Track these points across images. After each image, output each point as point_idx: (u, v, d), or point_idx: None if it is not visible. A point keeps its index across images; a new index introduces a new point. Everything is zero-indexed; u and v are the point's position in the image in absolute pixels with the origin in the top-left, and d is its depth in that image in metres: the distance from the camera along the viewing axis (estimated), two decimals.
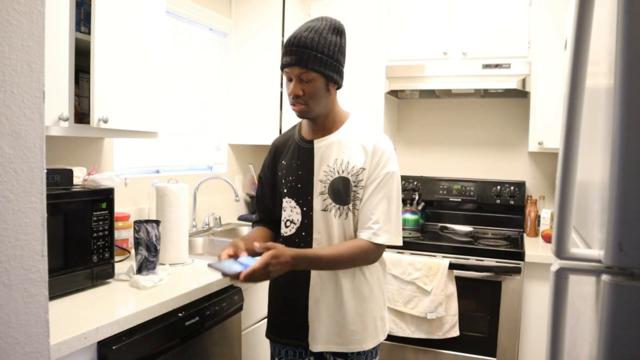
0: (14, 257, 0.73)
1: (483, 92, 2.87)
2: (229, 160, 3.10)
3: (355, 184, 1.53)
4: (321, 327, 1.56)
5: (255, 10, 2.96)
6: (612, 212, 0.75)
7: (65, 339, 1.22)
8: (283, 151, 1.67)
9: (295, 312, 1.59)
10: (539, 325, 2.45)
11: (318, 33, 1.48)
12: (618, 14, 0.74)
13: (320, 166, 1.56)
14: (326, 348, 1.56)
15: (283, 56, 1.51)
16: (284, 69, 1.51)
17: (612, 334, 0.76)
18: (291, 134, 1.70)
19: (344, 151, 1.55)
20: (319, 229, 1.56)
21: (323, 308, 1.56)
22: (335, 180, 1.53)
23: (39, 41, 0.75)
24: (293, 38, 1.49)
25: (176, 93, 2.67)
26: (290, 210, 1.60)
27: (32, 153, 0.75)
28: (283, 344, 1.65)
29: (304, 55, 1.46)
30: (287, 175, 1.61)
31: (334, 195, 1.54)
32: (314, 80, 1.48)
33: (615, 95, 0.75)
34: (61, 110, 1.53)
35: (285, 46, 1.50)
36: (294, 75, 1.49)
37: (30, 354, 0.77)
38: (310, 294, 1.57)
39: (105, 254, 1.66)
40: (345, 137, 1.57)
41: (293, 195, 1.59)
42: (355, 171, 1.53)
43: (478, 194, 3.03)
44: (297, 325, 1.59)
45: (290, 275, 1.54)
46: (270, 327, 1.68)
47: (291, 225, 1.59)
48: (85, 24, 1.69)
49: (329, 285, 1.55)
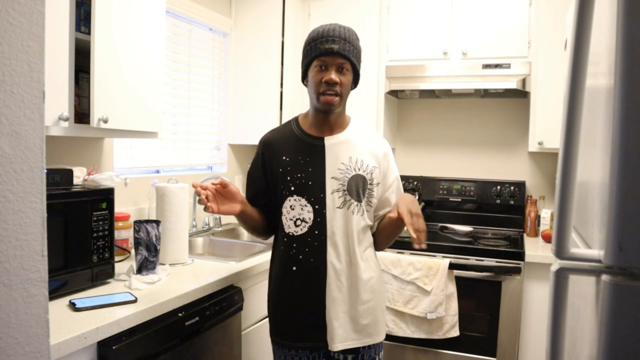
0: (14, 257, 0.73)
1: (483, 92, 2.87)
2: (229, 160, 3.10)
3: (370, 182, 1.59)
4: (339, 325, 1.55)
5: (255, 10, 2.96)
6: (612, 212, 0.75)
7: (65, 339, 1.22)
8: (280, 147, 1.61)
9: (311, 313, 1.56)
10: (539, 325, 2.45)
11: (351, 32, 1.54)
12: (618, 14, 0.74)
13: (333, 163, 1.56)
14: (345, 345, 1.56)
15: (320, 44, 1.49)
16: (321, 56, 1.49)
17: (612, 334, 0.76)
18: (288, 130, 1.65)
19: (356, 150, 1.59)
20: (332, 227, 1.54)
21: (340, 305, 1.55)
22: (353, 177, 1.56)
23: (39, 41, 0.75)
24: (332, 30, 1.49)
25: (176, 93, 2.67)
26: (301, 209, 1.55)
27: (32, 153, 0.75)
28: (298, 348, 1.59)
29: (346, 46, 1.49)
30: (294, 172, 1.56)
31: (352, 193, 1.56)
32: (348, 73, 1.53)
33: (615, 95, 0.75)
34: (61, 110, 1.53)
35: (321, 36, 1.49)
36: (333, 64, 1.49)
37: (30, 354, 0.77)
38: (327, 293, 1.55)
39: (105, 254, 1.66)
40: (354, 136, 1.62)
41: (303, 192, 1.55)
42: (369, 170, 1.59)
43: (478, 194, 3.03)
44: (314, 326, 1.56)
45: (305, 276, 1.55)
46: (282, 333, 1.61)
47: (302, 224, 1.55)
48: (85, 24, 1.69)
49: (344, 281, 1.55)
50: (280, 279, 1.60)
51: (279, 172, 1.59)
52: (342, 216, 1.55)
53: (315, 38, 1.51)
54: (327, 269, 1.54)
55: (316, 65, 1.51)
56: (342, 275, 1.55)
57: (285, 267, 1.58)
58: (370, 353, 1.62)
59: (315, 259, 1.54)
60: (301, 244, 1.55)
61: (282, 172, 1.58)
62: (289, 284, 1.58)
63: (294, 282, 1.57)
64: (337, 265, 1.55)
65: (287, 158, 1.59)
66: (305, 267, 1.55)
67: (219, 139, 3.05)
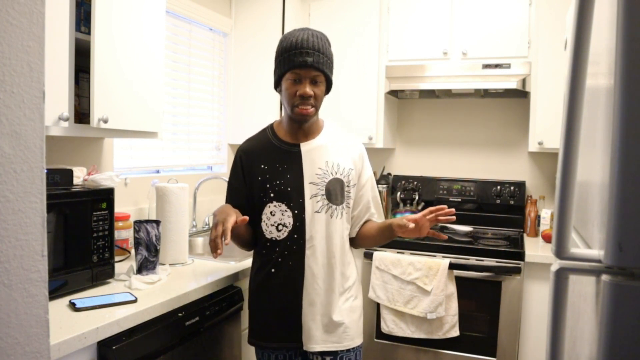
0: (14, 257, 0.73)
1: (483, 92, 2.86)
2: (229, 160, 3.10)
3: (347, 184, 1.62)
4: (315, 328, 1.57)
5: (255, 10, 2.96)
6: (612, 212, 0.75)
7: (65, 339, 1.22)
8: (258, 155, 1.62)
9: (288, 315, 1.58)
10: (539, 325, 2.45)
11: (323, 40, 1.54)
12: (618, 14, 0.74)
13: (310, 169, 1.59)
14: (322, 347, 1.57)
15: (294, 57, 1.48)
16: (295, 69, 1.49)
17: (612, 334, 0.76)
18: (263, 138, 1.66)
19: (332, 154, 1.62)
20: (311, 231, 1.57)
21: (317, 308, 1.57)
22: (331, 181, 1.59)
23: (39, 41, 0.75)
24: (305, 41, 1.48)
25: (176, 93, 2.67)
26: (282, 214, 1.57)
27: (32, 153, 0.75)
28: (273, 348, 1.62)
29: (320, 59, 1.49)
30: (273, 179, 1.58)
31: (331, 196, 1.58)
32: (322, 85, 1.55)
33: (615, 95, 0.75)
34: (61, 110, 1.53)
35: (294, 47, 1.48)
36: (307, 77, 1.50)
37: (30, 354, 0.77)
38: (304, 296, 1.57)
39: (105, 254, 1.66)
40: (328, 140, 1.64)
41: (282, 198, 1.57)
42: (346, 172, 1.62)
43: (478, 194, 3.03)
44: (290, 327, 1.59)
45: (282, 278, 1.57)
46: (257, 333, 1.65)
47: (284, 229, 1.58)
48: (85, 24, 1.69)
49: (321, 284, 1.57)
50: (260, 282, 1.63)
51: (258, 180, 1.60)
52: (321, 220, 1.57)
53: (288, 49, 1.50)
54: (304, 272, 1.57)
55: (289, 78, 1.51)
56: (319, 278, 1.57)
57: (264, 270, 1.61)
58: (350, 356, 1.62)
59: (293, 262, 1.57)
60: (281, 248, 1.58)
61: (261, 180, 1.59)
62: (267, 285, 1.60)
63: (272, 284, 1.59)
64: (315, 268, 1.57)
65: (265, 166, 1.60)
66: (283, 270, 1.58)
67: (219, 139, 3.05)
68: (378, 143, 2.97)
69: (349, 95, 2.96)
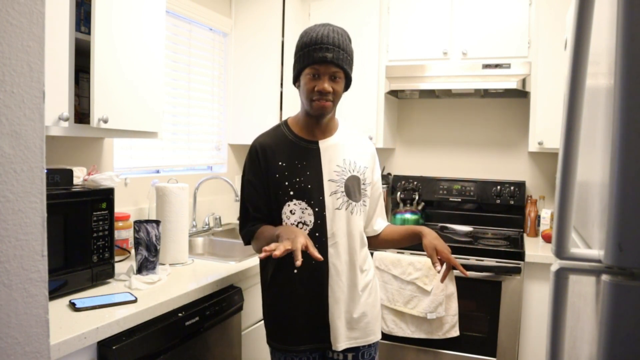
0: (14, 257, 0.73)
1: (483, 92, 2.87)
2: (229, 160, 3.10)
3: (363, 182, 1.63)
4: (342, 325, 1.57)
5: (255, 10, 2.95)
6: (612, 212, 0.75)
7: (65, 339, 1.22)
8: (275, 152, 1.58)
9: (315, 315, 1.56)
10: (539, 325, 2.45)
11: (344, 36, 1.54)
12: (618, 14, 0.74)
13: (329, 166, 1.58)
14: (348, 344, 1.57)
15: (314, 52, 1.47)
16: (314, 64, 1.48)
17: (612, 334, 0.76)
18: (280, 134, 1.62)
19: (348, 151, 1.63)
20: (332, 228, 1.55)
21: (341, 305, 1.57)
22: (349, 178, 1.60)
23: (39, 41, 0.75)
24: (325, 37, 1.47)
25: (176, 93, 2.67)
26: (302, 212, 1.55)
27: (32, 153, 0.75)
28: (299, 351, 1.58)
29: (340, 55, 1.49)
30: (292, 176, 1.55)
31: (350, 193, 1.59)
32: (341, 81, 1.54)
33: (615, 95, 0.75)
34: (61, 110, 1.53)
35: (314, 43, 1.47)
36: (326, 72, 1.49)
37: (30, 354, 0.77)
38: (329, 294, 1.55)
39: (105, 254, 1.66)
40: (344, 138, 1.65)
41: (302, 196, 1.55)
42: (362, 170, 1.64)
43: (478, 194, 3.03)
44: (317, 328, 1.56)
45: (306, 278, 1.55)
46: (281, 338, 1.60)
47: (305, 228, 1.55)
48: (85, 24, 1.69)
49: (345, 281, 1.57)
50: (281, 284, 1.59)
51: (275, 177, 1.56)
52: (342, 217, 1.57)
53: (308, 44, 1.49)
54: (329, 270, 1.55)
55: (309, 73, 1.50)
56: (342, 275, 1.57)
57: (284, 272, 1.57)
58: (371, 352, 1.65)
59: (316, 261, 1.51)
60: None
61: (279, 177, 1.56)
62: (290, 287, 1.57)
63: (295, 285, 1.56)
64: (338, 265, 1.56)
65: (284, 163, 1.57)
66: (307, 270, 1.53)
67: (218, 139, 3.05)
68: (378, 143, 2.98)
69: (349, 95, 2.93)
